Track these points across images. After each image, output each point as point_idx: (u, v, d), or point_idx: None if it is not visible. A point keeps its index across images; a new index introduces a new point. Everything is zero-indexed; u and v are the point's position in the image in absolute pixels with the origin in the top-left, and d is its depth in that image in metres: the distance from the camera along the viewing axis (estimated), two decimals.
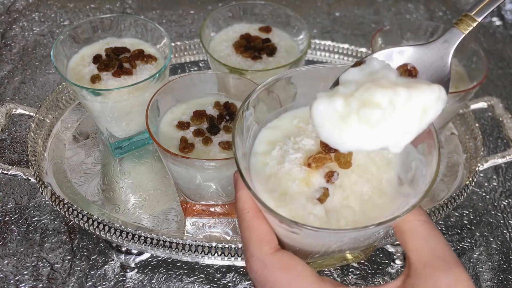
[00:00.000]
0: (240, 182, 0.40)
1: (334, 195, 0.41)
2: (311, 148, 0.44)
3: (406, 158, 0.43)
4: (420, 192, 0.38)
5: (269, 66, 0.75)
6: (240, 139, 0.42)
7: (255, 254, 0.39)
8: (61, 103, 0.83)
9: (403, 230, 0.39)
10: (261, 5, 0.84)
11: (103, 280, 0.68)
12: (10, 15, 1.16)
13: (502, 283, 0.71)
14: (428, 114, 0.36)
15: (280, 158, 0.43)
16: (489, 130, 0.93)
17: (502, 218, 0.79)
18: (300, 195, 0.41)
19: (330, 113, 0.36)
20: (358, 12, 1.23)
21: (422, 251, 0.37)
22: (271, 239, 0.40)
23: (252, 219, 0.40)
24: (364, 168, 0.43)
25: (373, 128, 0.36)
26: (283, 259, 0.38)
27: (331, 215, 0.40)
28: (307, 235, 0.39)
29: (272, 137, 0.46)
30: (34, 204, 0.77)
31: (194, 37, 1.11)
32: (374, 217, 0.40)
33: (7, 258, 0.70)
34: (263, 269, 0.38)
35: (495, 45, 1.16)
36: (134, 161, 0.78)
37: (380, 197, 0.41)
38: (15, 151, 0.84)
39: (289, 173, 0.42)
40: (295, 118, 0.47)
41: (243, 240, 0.41)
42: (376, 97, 0.35)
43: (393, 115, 0.35)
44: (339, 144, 0.37)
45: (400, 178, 0.43)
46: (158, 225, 0.69)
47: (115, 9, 1.20)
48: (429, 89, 0.36)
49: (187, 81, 0.66)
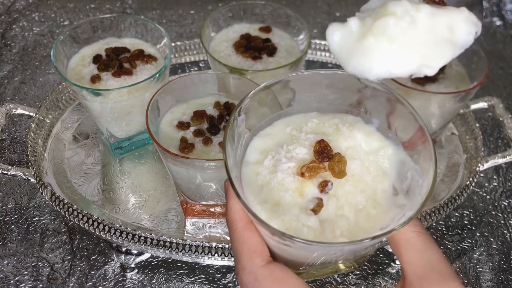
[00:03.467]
0: (231, 192, 0.39)
1: (328, 205, 0.40)
2: (304, 157, 0.42)
3: (402, 168, 0.42)
4: (416, 204, 0.37)
5: (269, 66, 0.75)
6: (231, 147, 0.41)
7: (246, 267, 0.38)
8: (61, 103, 0.83)
9: (397, 241, 0.38)
10: (261, 5, 0.84)
11: (103, 280, 0.68)
12: (10, 15, 1.16)
13: (503, 283, 0.71)
14: (457, 33, 0.34)
15: (273, 167, 0.42)
16: (489, 130, 0.93)
17: (502, 218, 0.79)
18: (293, 206, 0.40)
19: (346, 37, 0.34)
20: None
21: (417, 263, 0.37)
22: (262, 251, 0.39)
23: (243, 230, 0.39)
24: (359, 177, 0.42)
25: (394, 43, 0.33)
26: (276, 272, 0.37)
27: (326, 226, 0.39)
28: (300, 248, 0.38)
29: (264, 146, 0.44)
30: (34, 204, 0.77)
31: (194, 37, 1.11)
32: (368, 228, 0.39)
33: (7, 258, 0.70)
34: (254, 282, 0.37)
35: (495, 45, 1.16)
36: (134, 161, 0.78)
37: (375, 208, 0.40)
38: (15, 151, 0.84)
39: (281, 183, 0.41)
40: (289, 126, 0.46)
41: (234, 252, 0.40)
42: (388, 8, 0.33)
43: (415, 32, 0.33)
44: (368, 70, 0.35)
45: (395, 188, 0.42)
46: (158, 225, 0.69)
47: (115, 9, 1.20)
48: (456, 10, 0.34)
49: (187, 81, 0.66)
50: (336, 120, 0.46)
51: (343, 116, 0.46)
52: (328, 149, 0.42)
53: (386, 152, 0.43)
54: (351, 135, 0.44)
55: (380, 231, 0.37)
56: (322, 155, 0.41)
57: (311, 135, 0.44)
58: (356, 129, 0.44)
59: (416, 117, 0.41)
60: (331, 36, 0.35)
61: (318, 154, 0.41)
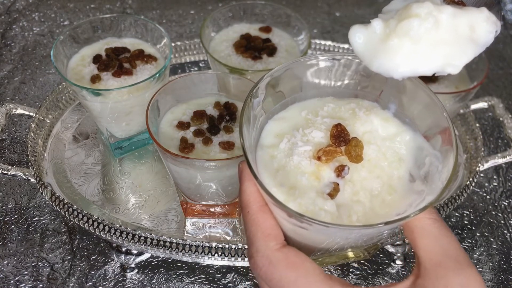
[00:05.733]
0: (245, 174, 0.39)
1: (344, 190, 0.40)
2: (320, 141, 0.42)
3: (419, 154, 0.42)
4: (436, 189, 0.37)
5: (269, 66, 0.75)
6: (247, 129, 0.40)
7: (260, 250, 0.37)
8: (61, 103, 0.83)
9: (413, 228, 0.38)
10: (261, 5, 0.84)
11: (103, 280, 0.68)
12: (10, 15, 1.16)
13: (503, 283, 0.71)
14: (478, 32, 0.35)
15: (288, 150, 0.42)
16: (489, 130, 0.93)
17: (502, 218, 0.79)
18: (310, 189, 0.39)
19: (369, 38, 0.35)
20: (359, 12, 1.23)
21: (433, 250, 0.37)
22: (277, 234, 0.38)
23: (258, 213, 0.39)
24: (375, 163, 0.41)
25: (418, 44, 0.34)
26: (290, 256, 0.37)
27: (342, 211, 0.39)
28: (316, 231, 0.37)
29: (279, 129, 0.44)
30: (34, 204, 0.77)
31: (194, 37, 1.11)
32: (383, 214, 0.39)
33: (7, 258, 0.70)
34: (268, 265, 0.37)
35: (495, 45, 1.16)
36: (134, 161, 0.78)
37: (390, 194, 0.40)
38: (15, 151, 0.84)
39: (298, 166, 0.40)
40: (304, 110, 0.45)
41: (247, 235, 0.39)
42: (412, 10, 0.34)
43: (438, 32, 0.34)
44: (393, 69, 0.35)
45: (411, 175, 0.41)
46: (158, 225, 0.69)
47: (115, 9, 1.20)
48: (476, 10, 0.35)
49: (187, 81, 0.66)
50: (353, 105, 0.45)
51: (359, 101, 0.46)
52: (345, 133, 0.41)
53: (403, 138, 0.43)
54: (367, 120, 0.44)
55: (397, 217, 0.36)
56: (339, 139, 0.41)
57: (327, 119, 0.44)
58: (373, 114, 0.44)
59: (437, 102, 0.41)
60: (353, 37, 0.36)
61: (334, 138, 0.41)
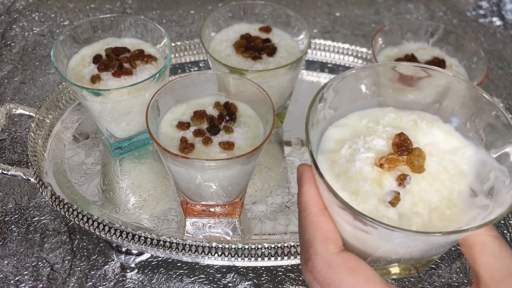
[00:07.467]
0: (305, 177, 0.39)
1: (404, 199, 0.39)
2: (382, 149, 0.42)
3: (482, 169, 0.41)
4: (505, 203, 0.37)
5: (269, 66, 0.75)
6: (312, 131, 0.40)
7: (319, 253, 0.37)
8: (61, 103, 0.83)
9: (472, 245, 0.37)
10: (261, 5, 0.84)
11: (103, 280, 0.68)
12: (10, 15, 1.16)
13: None
14: None
15: (350, 156, 0.41)
16: None
17: (502, 218, 0.79)
18: (372, 196, 0.39)
19: None
20: (359, 12, 1.23)
21: (494, 267, 0.36)
22: (336, 238, 0.38)
23: (318, 216, 0.38)
24: (435, 175, 0.41)
25: None
26: (350, 261, 0.36)
27: (403, 220, 0.38)
28: (379, 235, 0.37)
29: (340, 135, 0.44)
30: (34, 204, 0.77)
31: (194, 37, 1.11)
32: (442, 227, 0.38)
33: (7, 258, 0.70)
34: (327, 269, 0.36)
35: (495, 45, 1.16)
36: (134, 161, 0.78)
37: (450, 208, 0.40)
38: (15, 151, 0.84)
39: (360, 172, 0.40)
40: (364, 118, 0.45)
41: (305, 237, 0.38)
42: None
43: None
44: None
45: (473, 189, 0.41)
46: (158, 225, 0.69)
47: (115, 9, 1.20)
48: None
49: (187, 81, 0.66)
50: (414, 116, 0.45)
51: (421, 113, 0.46)
52: (408, 142, 0.41)
53: (465, 153, 0.43)
54: (429, 132, 0.44)
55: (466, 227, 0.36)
56: (401, 148, 0.41)
57: (389, 128, 0.44)
58: (435, 127, 0.44)
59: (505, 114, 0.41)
60: None
61: (397, 146, 0.41)
